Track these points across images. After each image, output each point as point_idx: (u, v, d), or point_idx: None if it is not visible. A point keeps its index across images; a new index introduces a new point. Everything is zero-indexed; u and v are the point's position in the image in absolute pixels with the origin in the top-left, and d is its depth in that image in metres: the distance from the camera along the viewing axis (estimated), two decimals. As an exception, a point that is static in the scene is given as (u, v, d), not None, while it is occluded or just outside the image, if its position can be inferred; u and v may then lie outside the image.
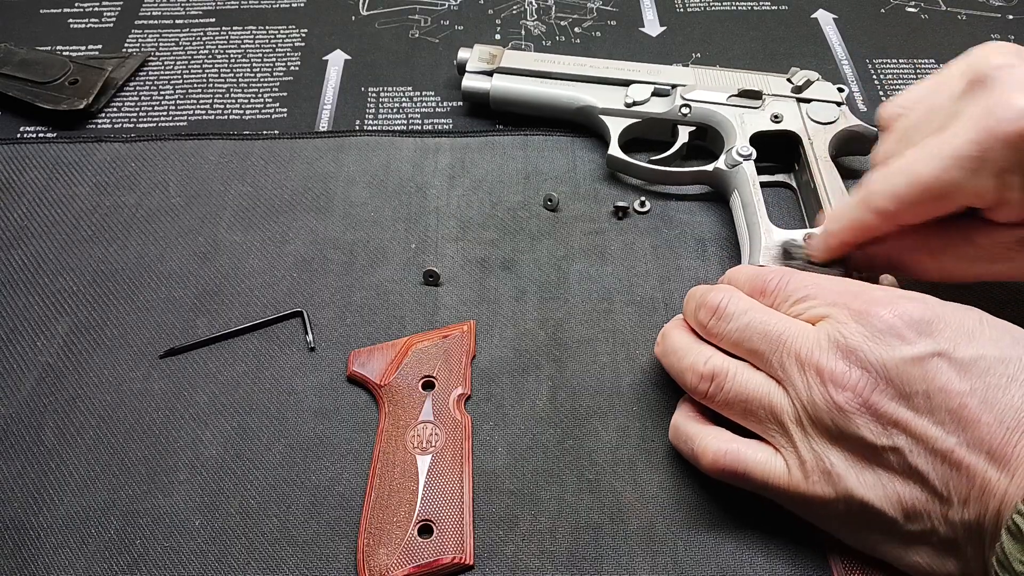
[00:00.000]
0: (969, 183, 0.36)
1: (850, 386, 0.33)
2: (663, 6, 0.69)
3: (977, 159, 0.36)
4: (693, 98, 0.55)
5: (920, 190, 0.38)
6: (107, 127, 0.59)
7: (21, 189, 0.54)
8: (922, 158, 0.37)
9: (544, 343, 0.46)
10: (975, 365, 0.32)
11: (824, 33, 0.67)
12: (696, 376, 0.38)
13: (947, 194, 0.37)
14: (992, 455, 0.31)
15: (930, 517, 0.33)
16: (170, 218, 0.53)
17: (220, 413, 0.43)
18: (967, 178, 0.36)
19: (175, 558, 0.38)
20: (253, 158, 0.56)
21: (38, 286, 0.49)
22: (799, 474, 0.35)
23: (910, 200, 0.38)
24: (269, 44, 0.66)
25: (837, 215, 0.42)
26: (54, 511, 0.40)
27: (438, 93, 0.62)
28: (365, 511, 0.39)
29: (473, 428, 0.43)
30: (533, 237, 0.52)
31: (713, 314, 0.39)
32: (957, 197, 0.37)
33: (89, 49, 0.65)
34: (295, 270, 0.50)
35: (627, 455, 0.42)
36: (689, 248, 0.51)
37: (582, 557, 0.38)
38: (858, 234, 0.41)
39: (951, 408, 0.32)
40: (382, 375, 0.44)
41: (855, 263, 0.44)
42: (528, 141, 0.57)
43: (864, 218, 0.40)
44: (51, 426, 0.43)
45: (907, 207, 0.38)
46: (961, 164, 0.36)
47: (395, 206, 0.53)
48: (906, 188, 0.38)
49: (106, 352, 0.46)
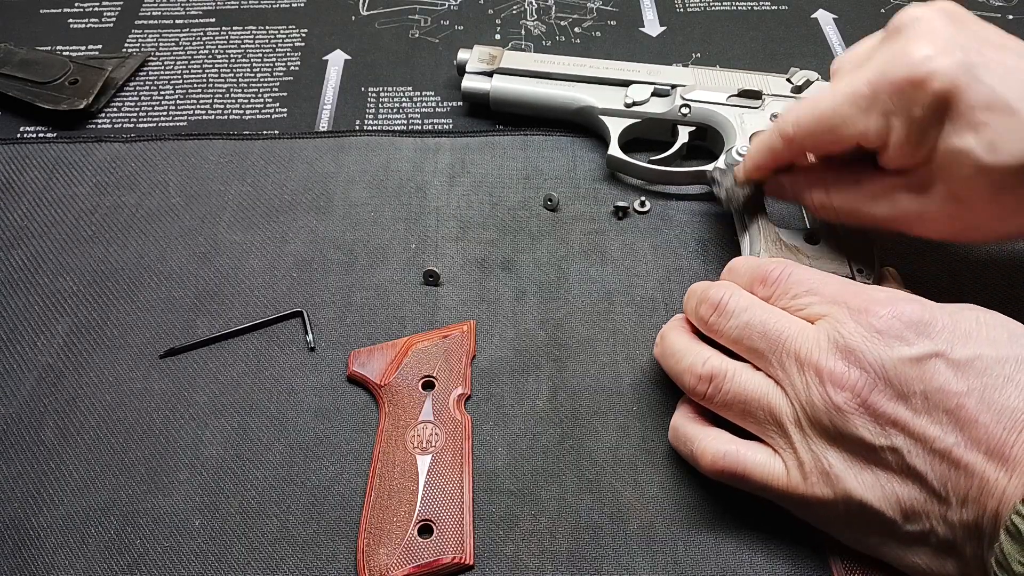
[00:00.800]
0: (858, 120, 0.39)
1: (849, 386, 0.33)
2: (663, 6, 0.69)
3: (868, 98, 0.39)
4: (693, 98, 0.55)
5: (817, 119, 0.41)
6: (107, 127, 0.59)
7: (21, 189, 0.54)
8: (826, 94, 0.41)
9: (544, 343, 0.46)
10: (972, 365, 0.32)
11: (824, 33, 0.67)
12: (695, 377, 0.38)
13: (838, 127, 0.40)
14: (990, 454, 0.31)
15: (929, 517, 0.33)
16: (170, 218, 0.53)
17: (220, 413, 0.43)
18: (856, 115, 0.39)
19: (175, 558, 0.38)
20: (253, 158, 0.56)
21: (38, 286, 0.49)
22: (798, 475, 0.35)
23: (808, 128, 0.41)
24: (269, 44, 0.66)
25: (757, 140, 0.46)
26: (54, 511, 0.40)
27: (438, 93, 0.62)
28: (365, 511, 0.39)
29: (473, 428, 0.43)
30: (533, 237, 0.52)
31: (714, 310, 0.39)
32: (846, 131, 0.40)
33: (89, 49, 0.65)
34: (295, 270, 0.50)
35: (627, 455, 0.42)
36: (689, 248, 0.51)
37: (582, 557, 0.38)
38: (767, 157, 0.45)
39: (949, 408, 0.32)
40: (382, 375, 0.44)
41: (768, 190, 0.47)
42: (528, 141, 0.57)
43: (773, 142, 0.44)
44: (51, 426, 0.43)
45: (806, 134, 0.42)
46: (854, 101, 0.39)
47: (395, 206, 0.53)
48: (806, 117, 0.41)
49: (106, 352, 0.46)
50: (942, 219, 0.40)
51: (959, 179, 0.38)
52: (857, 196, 0.42)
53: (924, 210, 0.40)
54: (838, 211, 0.43)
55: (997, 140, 0.36)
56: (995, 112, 0.36)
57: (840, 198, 0.43)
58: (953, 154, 0.37)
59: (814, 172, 0.44)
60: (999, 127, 0.36)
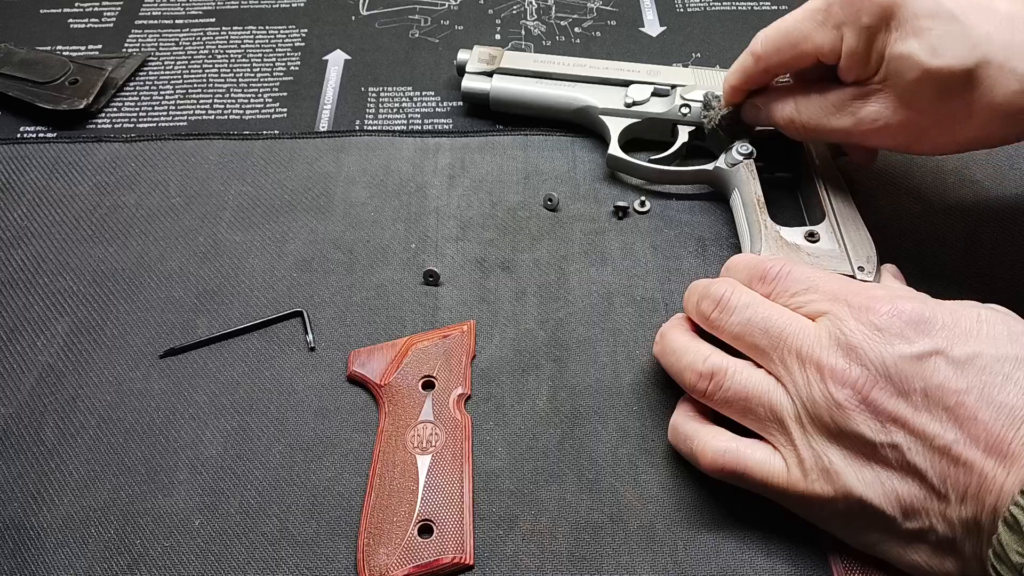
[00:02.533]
0: (815, 33, 0.43)
1: (850, 383, 0.33)
2: (663, 6, 0.69)
3: (823, 11, 0.43)
4: (693, 98, 0.55)
5: (781, 36, 0.45)
6: (107, 127, 0.59)
7: (21, 189, 0.54)
8: (793, 12, 0.45)
9: (544, 343, 0.46)
10: (972, 363, 0.32)
11: (824, 33, 0.67)
12: (695, 374, 0.38)
13: (799, 41, 0.44)
14: (989, 450, 0.31)
15: (928, 515, 0.33)
16: (170, 218, 0.53)
17: (220, 413, 0.43)
18: (814, 28, 0.43)
19: (175, 558, 0.38)
20: (253, 158, 0.56)
21: (38, 286, 0.49)
22: (798, 472, 0.35)
23: (774, 43, 0.45)
24: (269, 44, 0.66)
25: (733, 65, 0.49)
26: (54, 511, 0.40)
27: (438, 93, 0.62)
28: (365, 511, 0.39)
29: (473, 428, 0.43)
30: (533, 237, 0.52)
31: (716, 306, 0.39)
32: (806, 45, 0.44)
33: (89, 49, 0.65)
34: (295, 270, 0.50)
35: (627, 455, 0.42)
36: (689, 248, 0.51)
37: (582, 557, 0.38)
38: (741, 77, 0.48)
39: (949, 405, 0.32)
40: (382, 375, 0.44)
41: (744, 114, 0.51)
42: (528, 141, 0.57)
43: (744, 61, 0.48)
44: (51, 426, 0.43)
45: (772, 50, 0.46)
46: (812, 16, 0.43)
47: (395, 206, 0.53)
48: (771, 33, 0.46)
49: (106, 352, 0.46)
50: (895, 127, 0.43)
51: (906, 84, 0.41)
52: (821, 109, 0.45)
53: (878, 118, 0.43)
54: (805, 126, 0.46)
55: (939, 45, 0.39)
56: (937, 19, 0.39)
57: (806, 111, 0.46)
58: (900, 59, 0.40)
59: (783, 91, 0.48)
60: (941, 32, 0.39)
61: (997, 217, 0.52)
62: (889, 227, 0.51)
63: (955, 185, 0.54)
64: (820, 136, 0.47)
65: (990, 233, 0.51)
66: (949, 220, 0.52)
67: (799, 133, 0.47)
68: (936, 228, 0.52)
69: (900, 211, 0.53)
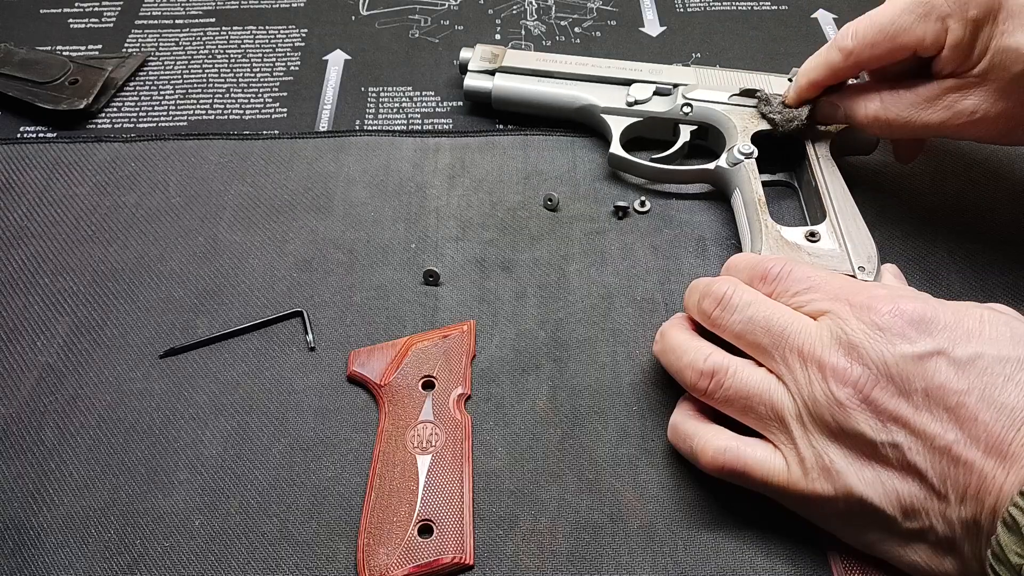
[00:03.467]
0: (917, 26, 0.43)
1: (851, 382, 0.33)
2: (663, 6, 0.69)
3: (925, 4, 0.42)
4: (695, 97, 0.55)
5: (877, 29, 0.44)
6: (107, 127, 0.59)
7: (21, 189, 0.54)
8: (884, 7, 0.44)
9: (544, 343, 0.46)
10: (974, 364, 0.32)
11: (824, 33, 0.67)
12: (696, 373, 0.38)
13: (898, 34, 0.43)
14: (990, 451, 0.31)
15: (928, 515, 0.33)
16: (170, 218, 0.53)
17: (220, 413, 0.43)
18: (915, 22, 0.43)
19: (175, 558, 0.38)
20: (253, 158, 0.56)
21: (38, 286, 0.49)
22: (798, 471, 0.35)
23: (869, 38, 0.44)
24: (269, 44, 0.66)
25: (809, 59, 0.48)
26: (54, 511, 0.40)
27: (438, 93, 0.62)
28: (365, 511, 0.39)
29: (473, 428, 0.43)
30: (533, 237, 0.52)
31: (718, 304, 0.39)
32: (905, 38, 0.43)
33: (89, 49, 0.65)
34: (295, 270, 0.50)
35: (627, 455, 0.42)
36: (689, 248, 0.51)
37: (582, 557, 0.38)
38: (825, 72, 0.47)
39: (949, 405, 0.32)
40: (382, 375, 0.44)
41: (820, 112, 0.49)
42: (528, 141, 0.57)
43: (831, 56, 0.46)
44: (51, 426, 0.43)
45: (865, 45, 0.45)
46: (912, 9, 0.43)
47: (395, 206, 0.53)
48: (866, 28, 0.44)
49: (106, 352, 0.46)
50: (991, 119, 0.43)
51: (1010, 76, 0.41)
52: (911, 103, 0.45)
53: (976, 110, 0.43)
54: (892, 122, 0.46)
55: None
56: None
57: (895, 107, 0.45)
58: (1006, 52, 0.40)
59: (866, 87, 0.47)
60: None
61: (997, 217, 0.52)
62: (890, 227, 0.51)
63: (956, 185, 0.54)
64: (906, 132, 0.46)
65: (990, 233, 0.51)
66: (950, 220, 0.52)
67: (884, 130, 0.47)
68: (937, 228, 0.52)
69: (901, 211, 0.53)
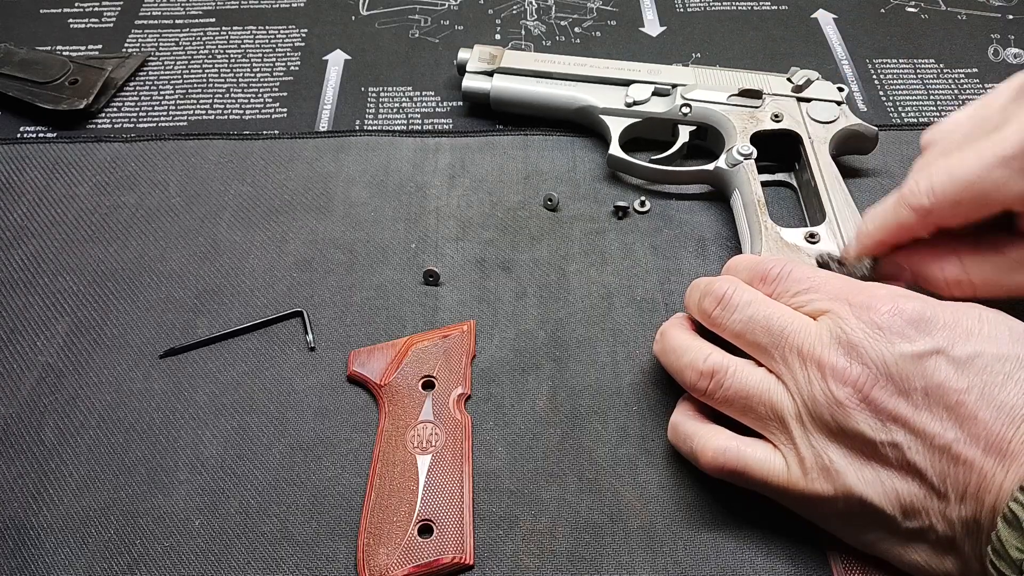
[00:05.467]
0: (1013, 183, 0.36)
1: (850, 381, 0.33)
2: (663, 6, 0.69)
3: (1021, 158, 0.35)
4: (694, 98, 0.55)
5: (962, 187, 0.37)
6: (107, 127, 0.59)
7: (21, 189, 0.54)
8: (967, 157, 0.37)
9: (544, 343, 0.46)
10: (973, 363, 0.32)
11: (824, 33, 0.67)
12: (696, 373, 0.38)
13: (988, 193, 0.37)
14: (989, 449, 0.31)
15: (928, 514, 0.33)
16: (170, 218, 0.53)
17: (220, 413, 0.43)
18: (1011, 177, 0.36)
19: (175, 558, 0.38)
20: (253, 158, 0.56)
21: (38, 286, 0.49)
22: (798, 471, 0.35)
23: (951, 198, 0.37)
24: (269, 44, 0.66)
25: (874, 213, 0.41)
26: (54, 511, 0.40)
27: (438, 93, 0.62)
28: (365, 511, 0.39)
29: (473, 428, 0.43)
30: (533, 237, 0.52)
31: (718, 303, 0.39)
32: (998, 197, 0.37)
33: (89, 49, 0.65)
34: (295, 270, 0.50)
35: (627, 455, 0.42)
36: (689, 248, 0.51)
37: (582, 557, 0.38)
38: (893, 232, 0.40)
39: (949, 404, 0.32)
40: (382, 375, 0.44)
41: (883, 270, 0.42)
42: (528, 141, 0.57)
43: (901, 215, 0.39)
44: (51, 426, 0.43)
45: (947, 205, 0.38)
46: (1007, 163, 0.36)
47: (395, 206, 0.53)
48: (948, 184, 0.37)
49: (106, 352, 0.46)
50: None
51: None
52: (999, 266, 0.38)
53: None
54: (976, 286, 0.39)
55: None
56: None
57: (979, 272, 0.39)
58: None
59: (942, 245, 0.40)
60: None
61: (997, 217, 0.52)
62: (889, 227, 0.51)
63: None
64: (993, 295, 0.39)
65: (990, 233, 0.51)
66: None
67: (967, 293, 0.40)
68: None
69: (900, 211, 0.53)
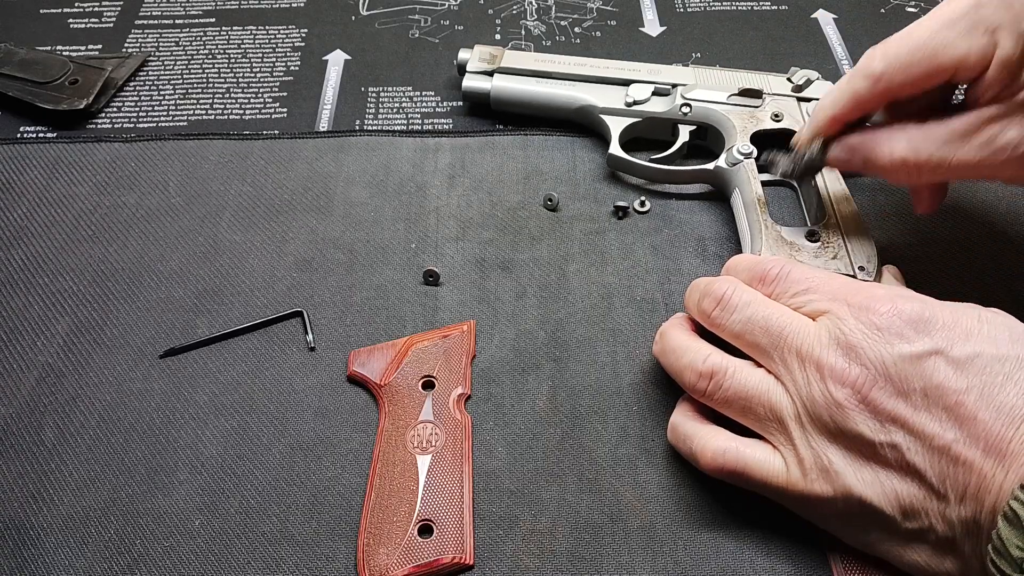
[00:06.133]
0: (960, 42, 0.37)
1: (849, 382, 0.33)
2: (663, 6, 0.69)
3: (968, 17, 0.36)
4: (694, 97, 0.55)
5: (912, 48, 0.38)
6: (107, 127, 0.59)
7: (21, 189, 0.54)
8: (918, 23, 0.38)
9: (544, 343, 0.46)
10: (972, 363, 0.32)
11: (824, 33, 0.67)
12: (695, 374, 0.38)
13: (936, 53, 0.37)
14: (989, 450, 0.31)
15: (927, 515, 0.33)
16: (170, 218, 0.53)
17: (220, 413, 0.43)
18: (958, 37, 0.37)
19: (175, 558, 0.38)
20: (253, 158, 0.56)
21: (38, 286, 0.49)
22: (797, 472, 0.35)
23: (902, 60, 0.38)
24: (269, 44, 0.66)
25: (829, 90, 0.42)
26: (54, 511, 0.40)
27: (438, 93, 0.62)
28: (365, 511, 0.39)
29: (473, 428, 0.43)
30: (533, 237, 0.52)
31: (717, 304, 0.39)
32: (945, 57, 0.37)
33: (89, 49, 0.65)
34: (295, 270, 0.50)
35: (627, 455, 0.42)
36: (689, 248, 0.51)
37: (582, 557, 0.38)
38: (848, 105, 0.41)
39: (948, 405, 0.32)
40: (382, 375, 0.44)
41: (833, 158, 0.43)
42: (528, 141, 0.57)
43: (855, 85, 0.40)
44: (51, 426, 0.43)
45: (898, 68, 0.38)
46: (953, 23, 0.37)
47: (395, 206, 0.53)
48: (898, 48, 0.38)
49: (106, 352, 0.46)
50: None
51: None
52: (944, 139, 0.38)
53: (1021, 143, 0.37)
54: (922, 165, 0.39)
55: None
56: None
57: (925, 145, 0.38)
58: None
59: (886, 126, 0.40)
60: None
61: (997, 218, 0.52)
62: (889, 227, 0.51)
63: (956, 185, 0.54)
64: (937, 176, 0.40)
65: (990, 234, 0.51)
66: (949, 221, 0.52)
67: (911, 175, 0.40)
68: (936, 229, 0.52)
69: (900, 211, 0.53)
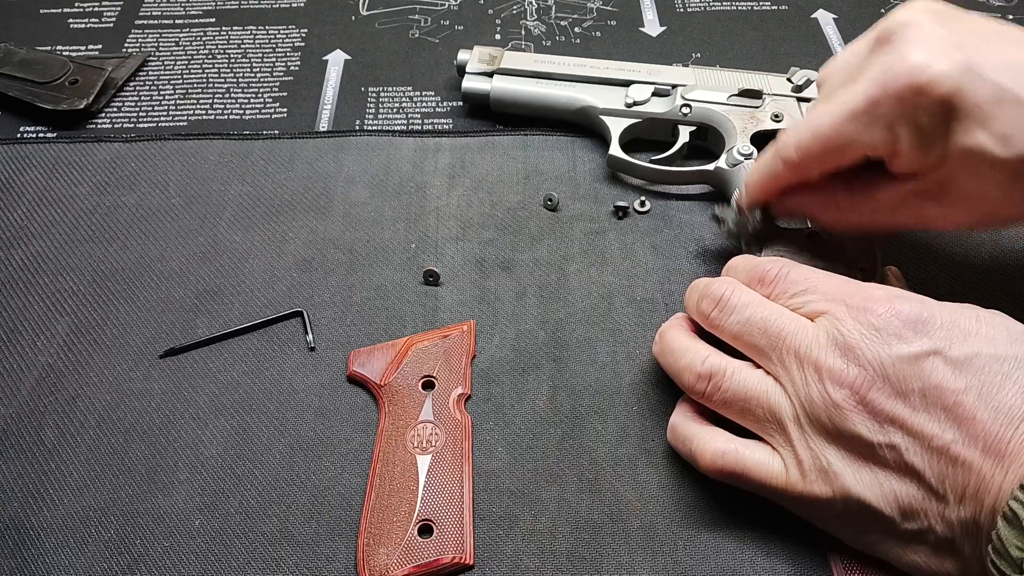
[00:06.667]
0: (863, 136, 0.38)
1: (847, 383, 0.33)
2: (663, 6, 0.69)
3: (869, 113, 0.37)
4: (693, 98, 0.55)
5: (821, 142, 0.40)
6: (107, 127, 0.59)
7: (21, 189, 0.54)
8: (823, 112, 0.39)
9: (544, 343, 0.46)
10: (971, 363, 0.32)
11: (824, 33, 0.67)
12: (694, 375, 0.38)
13: (843, 146, 0.39)
14: (987, 450, 0.31)
15: (927, 515, 0.33)
16: (170, 218, 0.53)
17: (220, 413, 0.43)
18: (860, 131, 0.38)
19: (175, 558, 0.38)
20: (253, 158, 0.56)
21: (38, 286, 0.49)
22: (796, 473, 0.35)
23: (813, 152, 0.40)
24: (269, 44, 0.66)
25: (755, 167, 0.44)
26: (54, 511, 0.40)
27: (438, 93, 0.62)
28: (365, 511, 0.39)
29: (473, 428, 0.43)
30: (533, 237, 0.52)
31: (716, 305, 0.39)
32: (853, 149, 0.39)
33: (89, 49, 0.65)
34: (295, 270, 0.50)
35: (627, 455, 0.42)
36: (689, 248, 0.51)
37: (582, 557, 0.38)
38: (771, 183, 0.43)
39: (947, 405, 0.32)
40: (382, 375, 0.44)
41: (776, 212, 0.46)
42: (528, 141, 0.57)
43: (775, 168, 0.42)
44: (51, 426, 0.43)
45: (811, 158, 0.40)
46: (855, 117, 0.38)
47: (395, 206, 0.53)
48: (809, 140, 0.40)
49: (106, 352, 0.46)
50: (960, 214, 0.40)
51: (975, 176, 0.37)
52: (872, 208, 0.41)
53: (942, 216, 0.40)
54: (855, 226, 0.43)
55: (1009, 132, 0.35)
56: (1003, 105, 0.35)
57: (855, 213, 0.42)
58: (967, 153, 0.36)
59: (822, 190, 0.43)
60: (1009, 119, 0.35)
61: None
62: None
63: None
64: (872, 231, 0.43)
65: (989, 235, 0.51)
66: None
67: (847, 231, 0.44)
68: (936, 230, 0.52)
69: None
